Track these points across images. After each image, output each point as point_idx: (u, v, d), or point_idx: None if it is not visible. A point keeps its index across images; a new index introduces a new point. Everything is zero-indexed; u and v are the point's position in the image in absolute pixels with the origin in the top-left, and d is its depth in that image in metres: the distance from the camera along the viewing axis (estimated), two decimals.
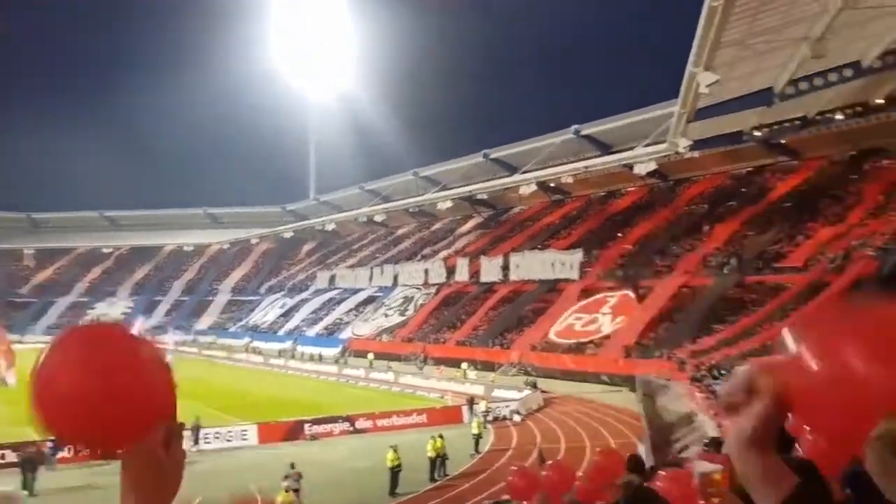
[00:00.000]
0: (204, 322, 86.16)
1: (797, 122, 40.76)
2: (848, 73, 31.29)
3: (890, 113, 40.96)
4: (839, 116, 40.62)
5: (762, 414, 1.06)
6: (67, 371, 1.27)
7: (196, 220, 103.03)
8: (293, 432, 30.29)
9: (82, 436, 1.31)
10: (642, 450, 22.14)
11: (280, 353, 61.87)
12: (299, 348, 62.72)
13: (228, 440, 29.11)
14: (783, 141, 47.58)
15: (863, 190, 42.62)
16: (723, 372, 29.29)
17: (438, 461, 24.03)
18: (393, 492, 22.26)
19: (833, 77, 31.57)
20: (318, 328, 68.70)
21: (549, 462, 13.28)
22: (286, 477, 20.01)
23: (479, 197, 71.49)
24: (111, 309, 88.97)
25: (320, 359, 57.47)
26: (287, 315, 76.03)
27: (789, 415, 1.06)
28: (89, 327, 1.41)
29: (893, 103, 39.38)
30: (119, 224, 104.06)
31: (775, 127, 41.28)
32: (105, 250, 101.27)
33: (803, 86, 31.94)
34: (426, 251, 75.22)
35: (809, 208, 44.73)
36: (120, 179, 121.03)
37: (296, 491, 19.62)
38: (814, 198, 45.61)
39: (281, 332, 71.02)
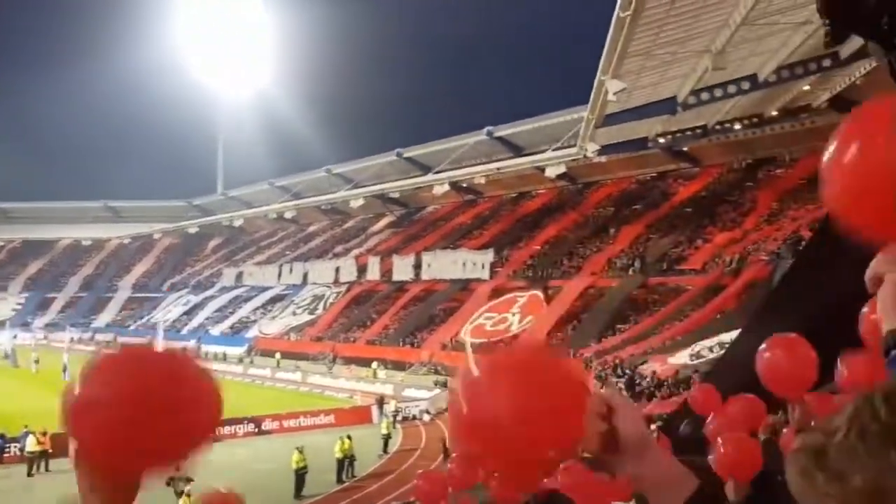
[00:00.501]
0: (102, 319, 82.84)
1: (698, 131, 42.19)
2: (745, 85, 32.49)
3: (783, 124, 43.13)
4: (737, 126, 42.15)
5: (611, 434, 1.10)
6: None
7: (95, 214, 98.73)
8: None
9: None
10: None
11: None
12: (203, 347, 61.07)
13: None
14: (685, 148, 49.30)
15: (758, 197, 44.75)
16: (626, 370, 30.25)
17: (346, 462, 23.92)
18: (298, 494, 22.02)
19: (732, 89, 32.72)
20: (224, 326, 67.21)
21: (453, 455, 13.33)
22: (170, 480, 19.29)
23: (391, 195, 71.42)
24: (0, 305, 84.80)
25: (225, 358, 56.17)
26: (191, 313, 74.08)
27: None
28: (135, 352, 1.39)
29: (786, 115, 41.41)
30: (11, 216, 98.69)
31: (678, 135, 42.67)
32: None
33: (704, 96, 32.95)
34: (337, 249, 74.55)
35: (708, 213, 46.67)
36: (11, 169, 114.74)
37: (182, 494, 18.92)
38: (712, 203, 47.63)
39: (184, 331, 69.09)
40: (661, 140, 42.96)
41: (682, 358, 29.44)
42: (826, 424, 0.70)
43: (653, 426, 14.61)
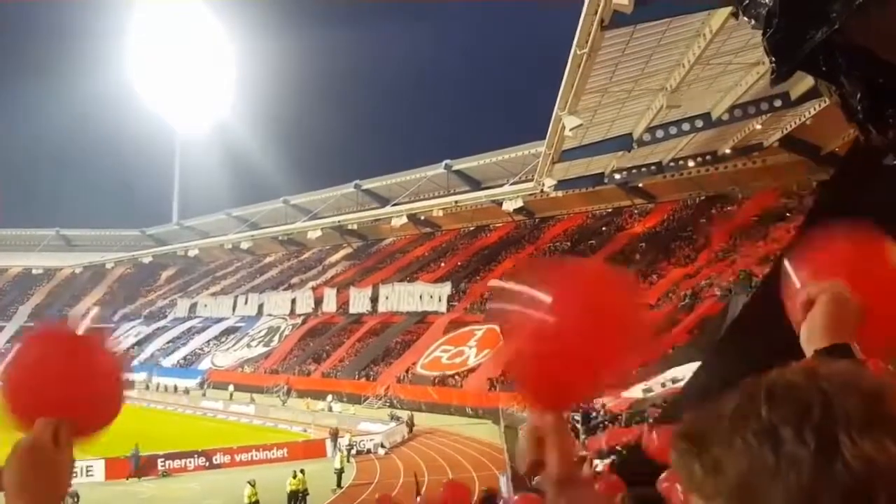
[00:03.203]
0: None
1: (653, 167, 42.76)
2: (699, 123, 33.09)
3: (736, 162, 44.08)
4: (691, 163, 42.85)
5: (558, 462, 1.12)
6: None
7: (47, 242, 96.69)
8: (144, 468, 28.73)
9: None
10: (503, 481, 22.41)
11: (133, 384, 58.61)
12: (155, 379, 59.74)
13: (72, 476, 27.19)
14: (640, 184, 50.05)
15: (711, 233, 45.45)
16: (581, 404, 30.14)
17: (299, 497, 23.41)
18: None
19: (686, 126, 33.30)
20: (176, 358, 65.86)
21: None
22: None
23: (349, 227, 71.06)
24: None
25: (176, 390, 54.94)
26: (142, 344, 72.48)
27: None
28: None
29: (739, 153, 42.38)
30: None
31: (633, 171, 43.18)
32: None
33: (659, 133, 33.44)
34: (294, 280, 73.85)
35: (663, 249, 47.26)
36: None
37: None
38: (667, 239, 48.27)
39: (135, 363, 67.39)
40: (617, 176, 43.47)
41: (635, 392, 29.45)
42: (715, 408, 0.72)
43: (605, 462, 14.50)
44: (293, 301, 65.89)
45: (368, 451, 32.17)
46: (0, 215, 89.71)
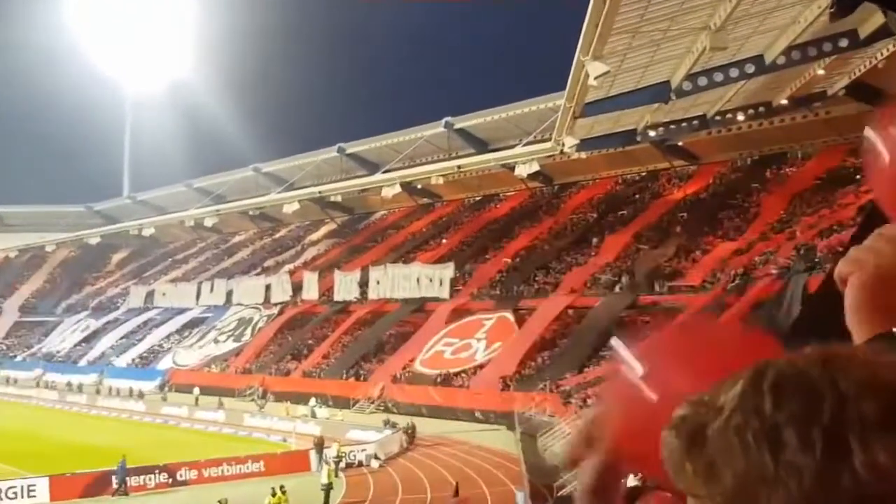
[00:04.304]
0: None
1: (695, 122, 42.45)
2: (750, 68, 32.76)
3: (794, 115, 43.69)
4: (740, 117, 42.60)
5: (595, 469, 1.10)
6: None
7: None
8: (96, 486, 28.75)
9: None
10: (521, 498, 22.40)
11: (81, 388, 58.91)
12: (106, 381, 59.91)
13: (11, 497, 27.30)
14: (680, 143, 49.79)
15: (765, 200, 45.21)
16: None
17: None
18: None
19: (734, 72, 32.96)
20: (131, 356, 66.01)
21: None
22: None
23: (332, 199, 70.79)
24: None
25: (130, 394, 55.09)
26: (91, 340, 72.65)
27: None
28: None
29: (798, 104, 41.97)
30: None
31: (671, 126, 42.89)
32: None
33: (702, 81, 33.11)
34: (268, 263, 73.83)
35: (708, 219, 47.03)
36: None
37: None
38: (712, 208, 48.03)
39: (83, 362, 67.72)
40: (652, 133, 43.22)
41: None
42: (714, 397, 0.73)
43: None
44: (267, 287, 65.87)
45: (360, 464, 32.17)
46: None
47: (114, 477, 28.43)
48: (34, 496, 27.64)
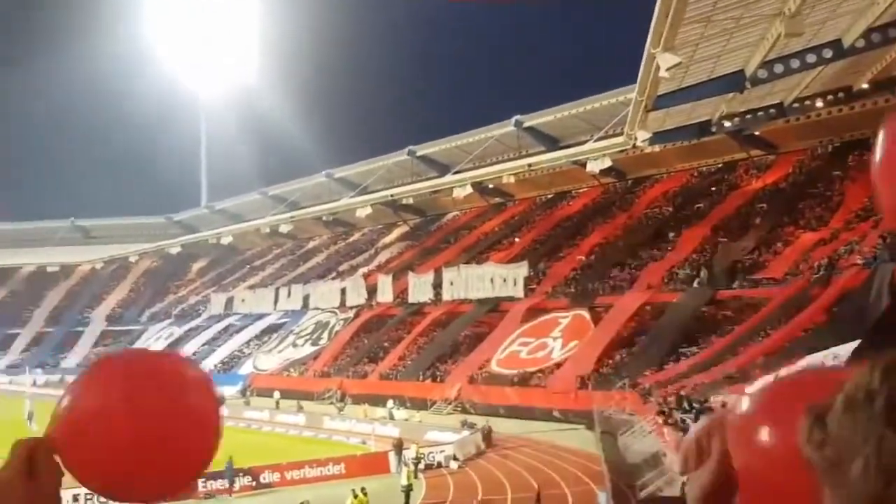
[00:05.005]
0: (73, 358, 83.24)
1: (772, 111, 41.66)
2: (828, 53, 31.99)
3: (876, 99, 42.29)
4: (819, 104, 41.70)
5: (709, 478, 1.09)
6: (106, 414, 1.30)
7: (62, 235, 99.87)
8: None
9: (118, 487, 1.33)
10: (603, 499, 22.07)
11: None
12: None
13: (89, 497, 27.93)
14: (757, 132, 48.76)
15: (848, 188, 43.93)
16: (695, 404, 29.54)
17: None
18: None
19: (811, 58, 32.24)
20: (213, 362, 67.19)
21: None
22: None
23: (404, 202, 71.16)
24: None
25: None
26: (174, 348, 74.16)
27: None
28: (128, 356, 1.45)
29: (879, 88, 40.70)
30: None
31: (747, 116, 42.10)
32: None
33: (778, 68, 32.51)
34: (343, 267, 74.51)
35: (788, 210, 45.96)
36: None
37: None
38: (793, 198, 46.91)
39: None
40: (728, 123, 42.44)
41: (761, 385, 28.72)
42: (847, 380, 0.75)
43: None
44: (343, 291, 66.48)
45: (439, 465, 32.19)
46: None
47: (225, 475, 29.06)
48: None
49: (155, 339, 78.99)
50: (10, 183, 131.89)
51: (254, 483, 30.41)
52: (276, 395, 51.95)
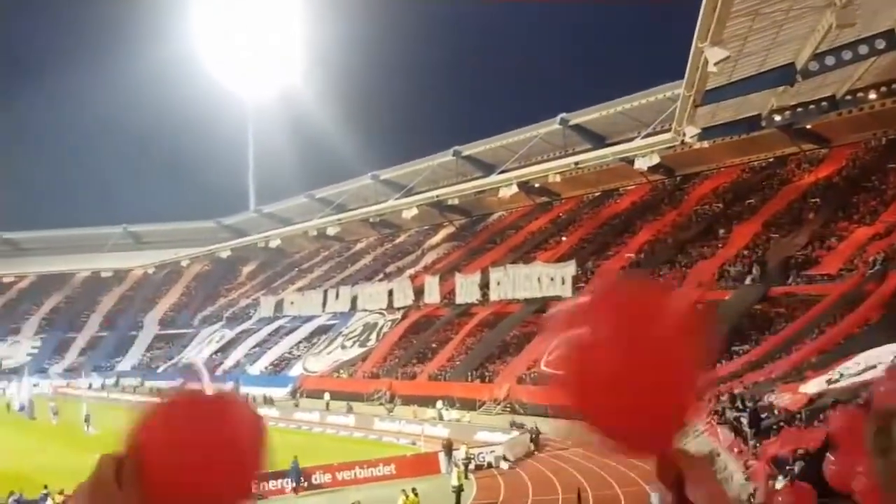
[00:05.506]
0: (128, 362, 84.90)
1: (824, 104, 40.99)
2: (881, 44, 31.34)
3: None
4: (872, 96, 41.12)
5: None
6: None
7: (114, 241, 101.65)
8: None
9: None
10: (655, 498, 21.80)
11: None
12: (242, 389, 61.78)
13: None
14: (808, 126, 48.00)
15: None
16: (747, 402, 29.12)
17: None
18: None
19: (864, 49, 31.63)
20: (264, 364, 67.92)
21: None
22: None
23: (449, 202, 71.17)
24: (13, 350, 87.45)
25: (264, 401, 56.66)
26: (226, 350, 75.17)
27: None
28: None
29: None
30: (21, 248, 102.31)
31: (798, 109, 41.44)
32: (5, 279, 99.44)
33: (830, 60, 31.94)
34: (390, 269, 74.79)
35: (842, 204, 45.18)
36: (17, 195, 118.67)
37: None
38: (847, 192, 46.12)
39: (219, 371, 69.99)
40: (778, 117, 41.78)
41: (816, 385, 28.15)
42: None
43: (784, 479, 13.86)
44: (390, 293, 66.67)
45: (489, 466, 32.23)
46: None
47: (290, 474, 29.88)
48: None
49: (207, 341, 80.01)
50: (63, 191, 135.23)
51: (306, 484, 30.74)
52: (326, 396, 52.44)
